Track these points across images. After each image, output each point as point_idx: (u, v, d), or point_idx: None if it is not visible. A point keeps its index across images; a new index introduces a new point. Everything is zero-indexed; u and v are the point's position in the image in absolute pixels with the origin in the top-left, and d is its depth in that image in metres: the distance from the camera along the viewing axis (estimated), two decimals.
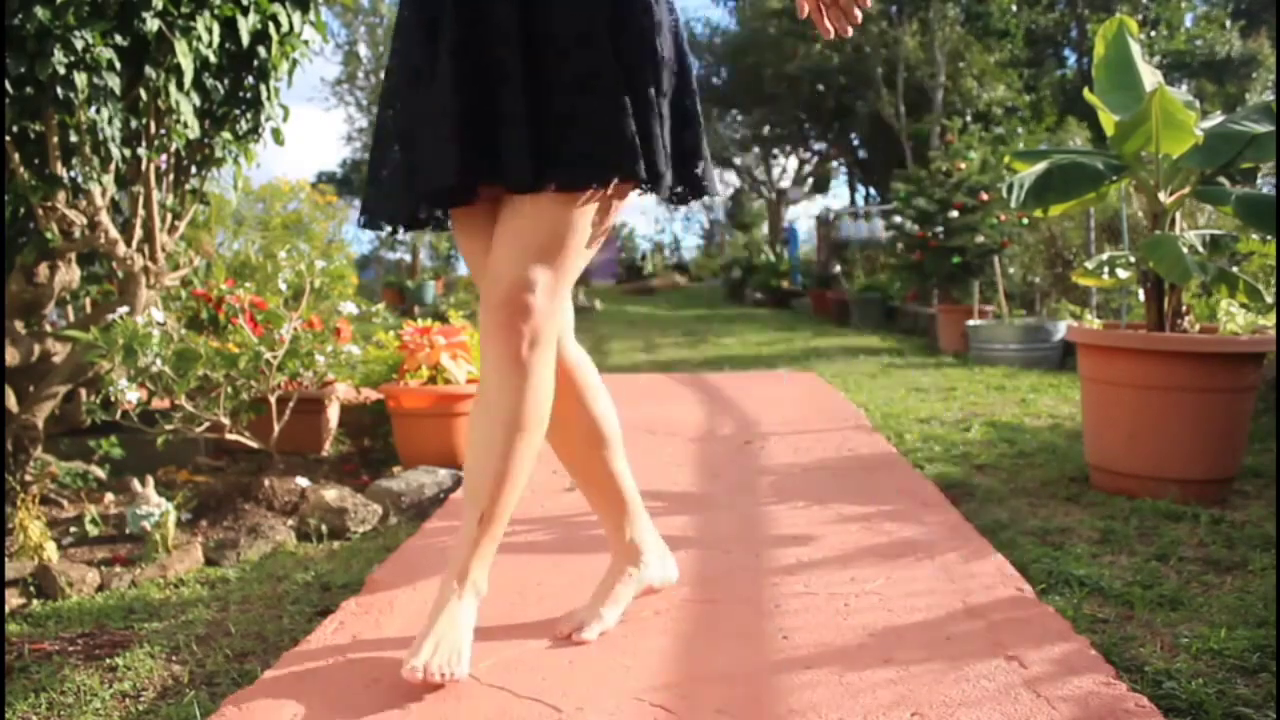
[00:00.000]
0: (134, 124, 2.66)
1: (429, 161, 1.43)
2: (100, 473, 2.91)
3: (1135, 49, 2.77)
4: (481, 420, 1.46)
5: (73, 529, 2.48)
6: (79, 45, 2.27)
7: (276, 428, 2.96)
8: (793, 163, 24.87)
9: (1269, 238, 2.84)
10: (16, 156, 2.49)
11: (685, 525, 2.32)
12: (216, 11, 2.61)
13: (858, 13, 1.42)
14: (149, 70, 2.54)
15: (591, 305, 13.51)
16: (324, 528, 2.48)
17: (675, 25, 1.52)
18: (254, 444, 2.94)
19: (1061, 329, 5.87)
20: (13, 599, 1.98)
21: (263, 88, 2.90)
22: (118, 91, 2.46)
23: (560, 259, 1.43)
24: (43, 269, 2.75)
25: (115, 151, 2.52)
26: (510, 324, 1.40)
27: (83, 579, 2.05)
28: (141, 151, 2.68)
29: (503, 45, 1.41)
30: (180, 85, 2.61)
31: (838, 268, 12.43)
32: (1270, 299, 2.84)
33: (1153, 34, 16.06)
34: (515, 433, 1.43)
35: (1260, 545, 2.09)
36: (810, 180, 24.49)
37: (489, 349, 1.43)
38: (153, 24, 2.45)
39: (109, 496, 2.78)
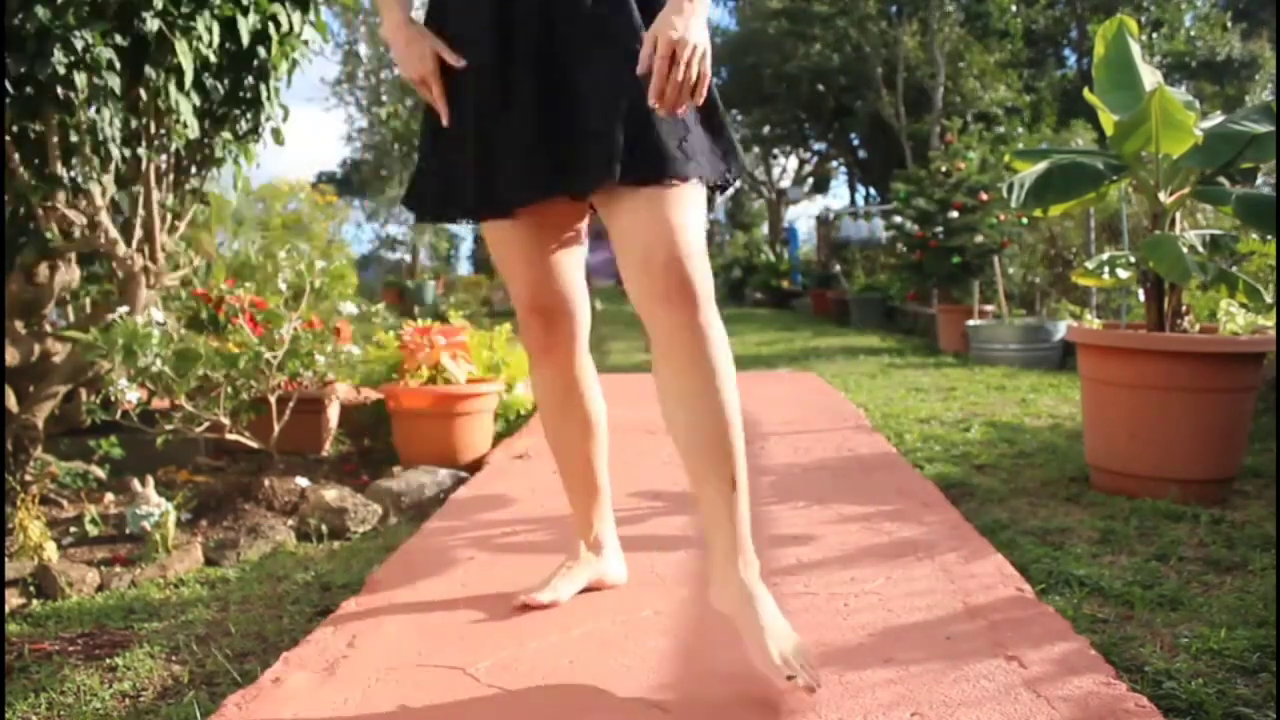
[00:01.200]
0: (134, 124, 2.66)
1: (510, 173, 1.45)
2: (100, 473, 2.91)
3: (1135, 49, 2.77)
4: (684, 385, 1.42)
5: (73, 529, 2.48)
6: (79, 45, 2.27)
7: (276, 428, 2.96)
8: (793, 163, 24.86)
9: (1269, 238, 2.84)
10: (16, 156, 2.50)
11: (685, 525, 2.32)
12: (216, 11, 2.61)
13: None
14: (149, 70, 2.54)
15: (591, 305, 13.49)
16: (324, 528, 2.48)
17: None
18: (254, 444, 2.94)
19: (1061, 329, 5.87)
20: (13, 599, 1.98)
21: (263, 88, 2.90)
22: (118, 91, 2.46)
23: (698, 229, 1.46)
24: (43, 269, 2.75)
25: (115, 151, 2.53)
26: (681, 292, 1.39)
27: (83, 579, 2.05)
28: (141, 151, 2.68)
29: (588, 46, 1.43)
30: (180, 85, 2.61)
31: (838, 268, 12.44)
32: (1270, 299, 2.84)
33: (1154, 35, 16.06)
34: (726, 383, 1.42)
35: (1260, 545, 2.09)
36: (810, 180, 24.49)
37: (663, 321, 1.41)
38: (153, 24, 2.45)
39: (109, 496, 2.78)
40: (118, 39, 2.43)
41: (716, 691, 1.38)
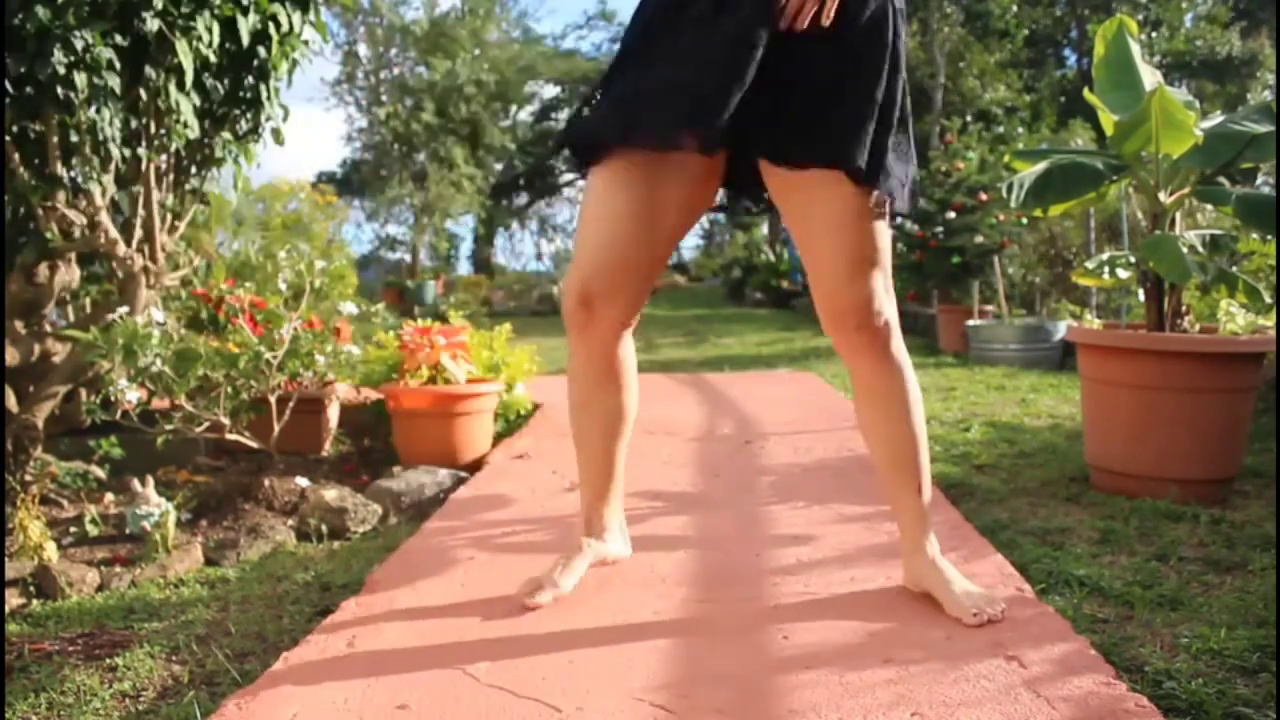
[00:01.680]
0: (134, 124, 2.66)
1: (710, 89, 1.43)
2: (100, 473, 2.91)
3: (1135, 49, 2.77)
4: (880, 413, 1.69)
5: (73, 529, 2.48)
6: (79, 45, 2.27)
7: (276, 428, 2.96)
8: None
9: (1269, 238, 2.84)
10: (16, 156, 2.50)
11: (685, 525, 2.32)
12: (216, 11, 2.61)
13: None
14: (149, 70, 2.54)
15: None
16: (324, 528, 2.48)
17: None
18: (254, 444, 2.94)
19: (1061, 329, 5.86)
20: (13, 599, 1.98)
21: (263, 88, 2.90)
22: (118, 91, 2.46)
23: (884, 257, 1.59)
24: (43, 269, 2.75)
25: (115, 151, 2.53)
26: (873, 339, 1.60)
27: (83, 579, 2.05)
28: (141, 151, 2.68)
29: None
30: (180, 85, 2.61)
31: None
32: (1270, 299, 2.84)
33: (1153, 35, 16.06)
34: (916, 411, 1.68)
35: (1260, 545, 2.09)
36: None
37: (862, 362, 1.65)
38: (153, 24, 2.45)
39: (109, 496, 2.78)
40: (118, 39, 2.43)
41: (716, 691, 1.38)
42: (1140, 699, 1.31)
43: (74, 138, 2.53)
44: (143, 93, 2.62)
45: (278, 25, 2.81)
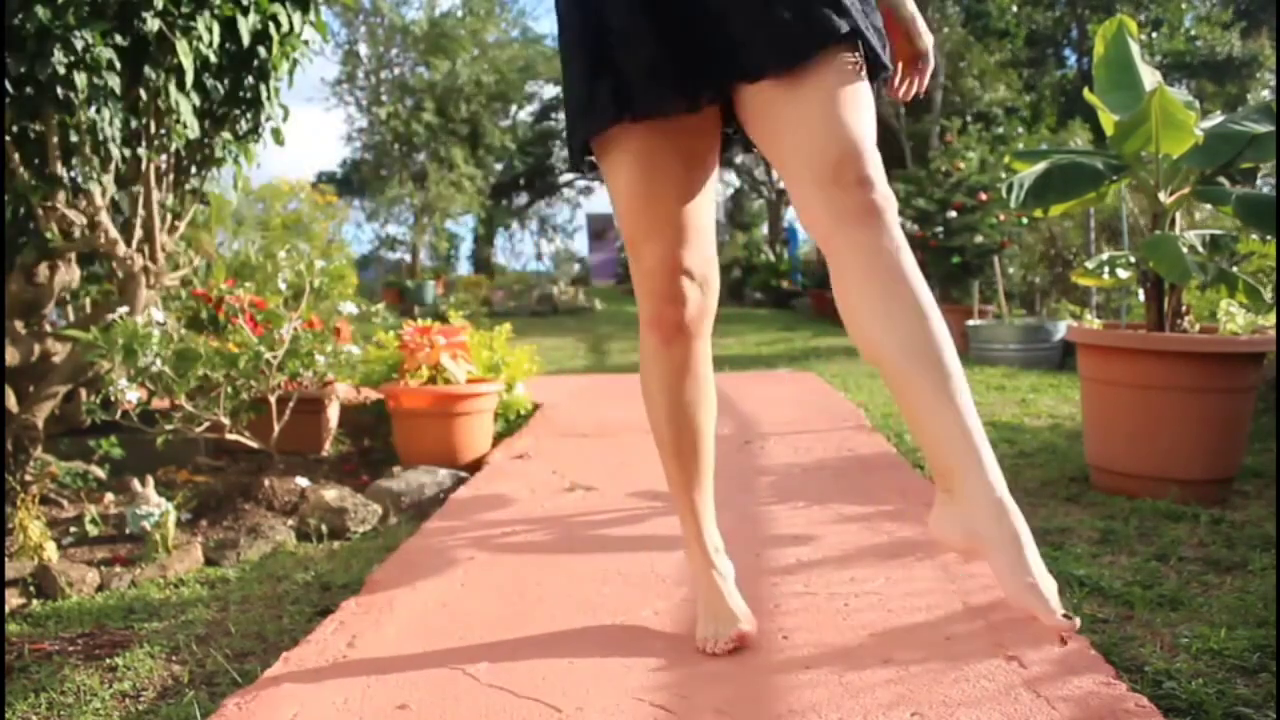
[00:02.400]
0: (134, 124, 2.66)
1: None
2: (100, 473, 2.91)
3: (1135, 49, 2.77)
4: (889, 285, 1.24)
5: (73, 529, 2.48)
6: (79, 45, 2.27)
7: (276, 428, 2.96)
8: None
9: (1269, 238, 2.84)
10: (16, 156, 2.50)
11: None
12: (216, 11, 2.61)
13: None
14: (149, 70, 2.54)
15: (591, 305, 13.50)
16: (324, 528, 2.48)
17: None
18: (254, 444, 2.94)
19: (1061, 329, 5.87)
20: (13, 599, 1.98)
21: (263, 88, 2.90)
22: (118, 91, 2.46)
23: (871, 131, 1.30)
24: (43, 269, 2.75)
25: (115, 151, 2.53)
26: (880, 202, 1.25)
27: (83, 579, 2.05)
28: (141, 151, 2.68)
29: None
30: (180, 85, 2.61)
31: None
32: (1270, 299, 2.84)
33: (1154, 35, 16.06)
34: (930, 296, 1.28)
35: (1260, 545, 2.09)
36: None
37: (865, 230, 1.25)
38: (153, 24, 2.45)
39: (109, 496, 2.78)
40: (118, 39, 2.43)
41: (716, 691, 1.38)
42: (1140, 699, 1.31)
43: (74, 138, 2.53)
44: (143, 93, 2.62)
45: (278, 25, 2.81)
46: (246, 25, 2.69)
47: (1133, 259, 2.86)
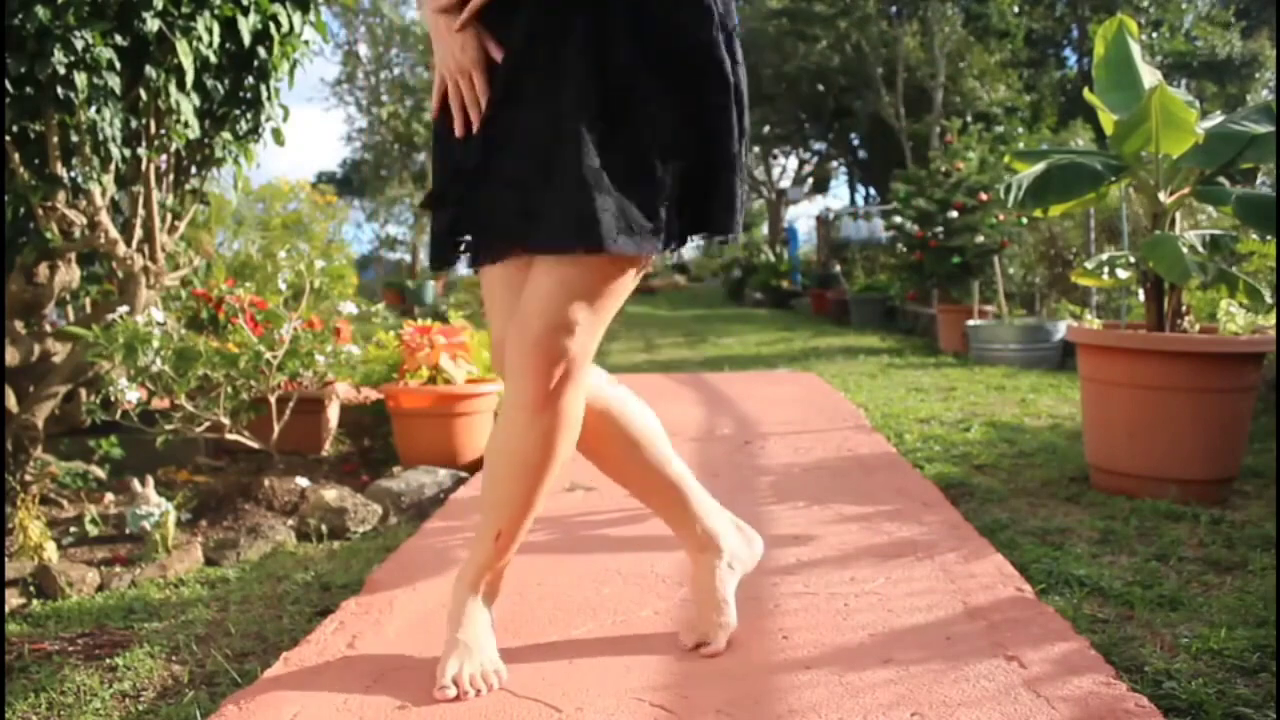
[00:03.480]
0: (134, 124, 2.66)
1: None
2: (100, 473, 2.91)
3: (1135, 49, 2.77)
4: (501, 457, 1.39)
5: (73, 529, 2.48)
6: (79, 45, 2.27)
7: (276, 428, 2.96)
8: (792, 163, 24.88)
9: (1269, 238, 2.84)
10: (16, 156, 2.49)
11: None
12: (217, 11, 2.61)
13: None
14: (149, 70, 2.54)
15: None
16: (324, 528, 2.48)
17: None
18: (254, 444, 2.94)
19: (1061, 329, 5.87)
20: (13, 599, 1.98)
21: (263, 88, 2.90)
22: (118, 91, 2.46)
23: (602, 302, 1.34)
24: (43, 269, 2.75)
25: (115, 151, 2.52)
26: (544, 367, 1.32)
27: (83, 579, 2.05)
28: (141, 151, 2.68)
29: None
30: (181, 85, 2.61)
31: (837, 268, 12.43)
32: (1270, 299, 2.84)
33: (1154, 35, 16.06)
34: (540, 472, 1.37)
35: (1260, 545, 2.09)
36: (810, 180, 24.50)
37: (515, 386, 1.35)
38: (153, 24, 2.45)
39: (109, 496, 2.78)
40: (118, 39, 2.43)
41: (716, 691, 1.38)
42: (1140, 699, 1.31)
43: (74, 138, 2.53)
44: (143, 93, 2.62)
45: (278, 25, 2.81)
46: (246, 25, 2.69)
47: (1133, 259, 2.86)
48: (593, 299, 1.32)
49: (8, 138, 2.44)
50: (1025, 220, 7.12)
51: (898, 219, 8.34)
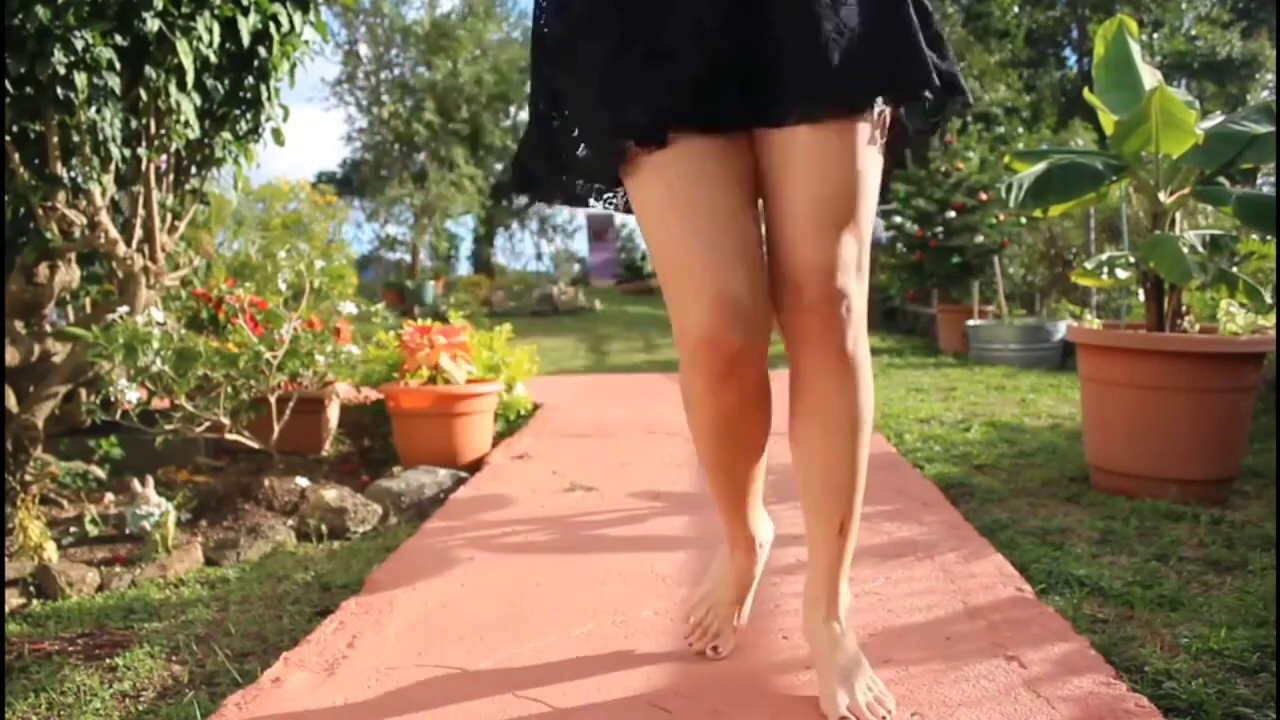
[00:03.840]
0: (134, 124, 2.66)
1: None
2: (100, 473, 2.91)
3: (1135, 49, 2.77)
4: (815, 427, 1.30)
5: (73, 529, 2.48)
6: (79, 45, 2.27)
7: (276, 428, 2.96)
8: None
9: (1269, 238, 2.84)
10: (16, 156, 2.49)
11: (685, 525, 2.32)
12: (217, 11, 2.61)
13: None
14: (149, 70, 2.54)
15: (591, 305, 13.51)
16: (324, 528, 2.48)
17: None
18: (254, 444, 2.94)
19: (1061, 329, 5.87)
20: (13, 599, 1.98)
21: (263, 88, 2.90)
22: (118, 91, 2.46)
23: (862, 218, 1.21)
24: (43, 269, 2.75)
25: (115, 151, 2.53)
26: (833, 321, 1.22)
27: (83, 579, 2.05)
28: (141, 151, 2.68)
29: None
30: (181, 85, 2.61)
31: None
32: (1270, 299, 2.84)
33: (1154, 35, 16.06)
34: (859, 434, 1.31)
35: (1260, 545, 2.09)
36: None
37: (808, 349, 1.26)
38: (153, 24, 2.45)
39: (109, 496, 2.78)
40: (118, 39, 2.43)
41: (716, 691, 1.38)
42: (1140, 699, 1.31)
43: (74, 138, 2.53)
44: (143, 93, 2.62)
45: (278, 25, 2.81)
46: (246, 25, 2.69)
47: (1133, 259, 2.86)
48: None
49: (8, 138, 2.44)
50: (1025, 220, 7.12)
51: (897, 219, 8.34)
